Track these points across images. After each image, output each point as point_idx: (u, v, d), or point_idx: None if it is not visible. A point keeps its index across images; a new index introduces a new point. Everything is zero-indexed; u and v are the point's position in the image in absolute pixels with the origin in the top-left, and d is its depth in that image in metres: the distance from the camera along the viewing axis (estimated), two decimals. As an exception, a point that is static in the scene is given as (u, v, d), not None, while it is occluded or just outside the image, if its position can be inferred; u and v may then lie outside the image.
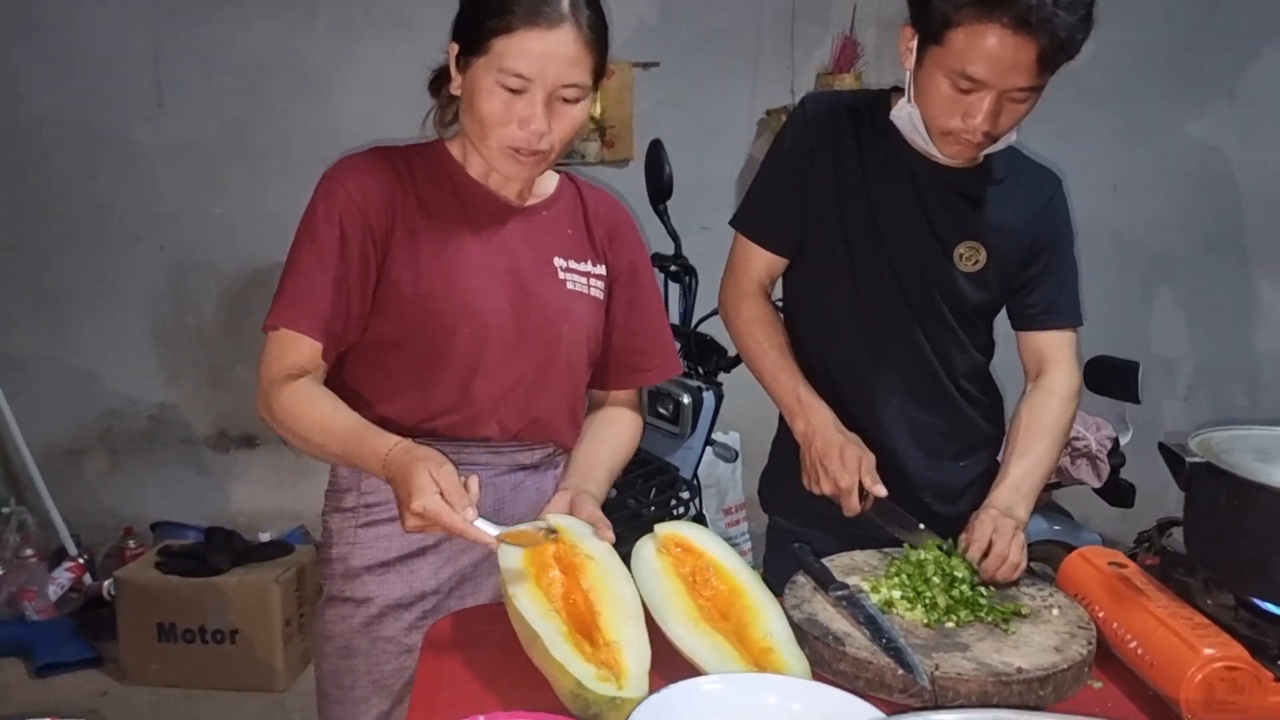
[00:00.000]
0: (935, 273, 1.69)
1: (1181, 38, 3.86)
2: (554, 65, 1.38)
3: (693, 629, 1.26)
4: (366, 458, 1.38)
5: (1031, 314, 1.76)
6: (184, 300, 3.85)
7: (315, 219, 1.46)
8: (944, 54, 1.47)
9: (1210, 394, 4.08)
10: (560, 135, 1.43)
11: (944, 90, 1.50)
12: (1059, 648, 1.26)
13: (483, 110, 1.41)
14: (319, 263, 1.44)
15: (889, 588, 1.38)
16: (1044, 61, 1.44)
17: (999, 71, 1.45)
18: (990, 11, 1.41)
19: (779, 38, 3.80)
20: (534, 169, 1.48)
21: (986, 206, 1.69)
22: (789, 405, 1.70)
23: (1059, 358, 1.75)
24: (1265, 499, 1.24)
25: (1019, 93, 1.48)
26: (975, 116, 1.50)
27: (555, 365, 1.55)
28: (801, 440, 1.66)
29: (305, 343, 1.45)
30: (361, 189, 1.46)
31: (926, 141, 1.61)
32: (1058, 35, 1.41)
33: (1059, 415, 1.71)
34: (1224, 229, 4.01)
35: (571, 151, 3.67)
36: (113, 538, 3.80)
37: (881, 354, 1.73)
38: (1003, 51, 1.42)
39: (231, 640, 3.19)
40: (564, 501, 1.46)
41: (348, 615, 1.55)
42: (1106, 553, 1.47)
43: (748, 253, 1.78)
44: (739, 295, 1.78)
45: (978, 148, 1.58)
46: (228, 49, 3.69)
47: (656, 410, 2.73)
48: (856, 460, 1.59)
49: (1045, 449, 1.68)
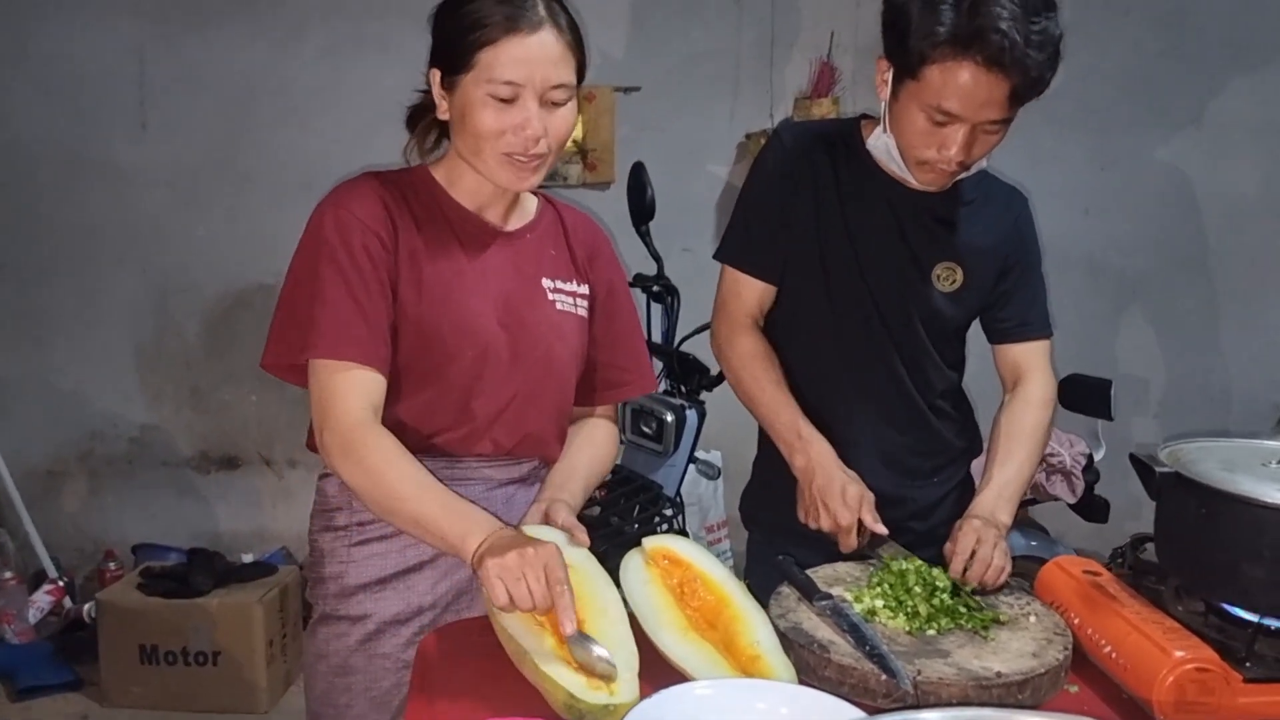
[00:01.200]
0: (913, 295, 1.73)
1: (1150, 65, 3.95)
2: (541, 67, 1.41)
3: (682, 638, 1.29)
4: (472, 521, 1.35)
5: (1006, 327, 1.81)
6: (167, 322, 3.84)
7: (333, 248, 1.44)
8: (920, 89, 1.52)
9: (1181, 411, 4.15)
10: (555, 138, 1.46)
11: (919, 123, 1.55)
12: (1036, 653, 1.29)
13: (478, 124, 1.43)
14: (351, 293, 1.42)
15: (871, 597, 1.42)
16: (1015, 97, 1.49)
17: (972, 106, 1.50)
18: (965, 50, 1.46)
19: (758, 63, 3.86)
20: (534, 175, 1.48)
21: (960, 227, 1.74)
22: (788, 440, 1.71)
23: (1035, 367, 1.80)
24: (1232, 507, 1.29)
25: (991, 125, 1.54)
26: (950, 148, 1.55)
27: (547, 383, 1.57)
28: (801, 476, 1.68)
29: (368, 375, 1.43)
30: (370, 213, 1.47)
31: (902, 169, 1.67)
32: (1029, 73, 1.47)
33: (1038, 422, 1.76)
34: (1192, 250, 4.09)
35: (554, 174, 3.70)
36: (93, 560, 3.79)
37: (858, 379, 1.76)
38: (976, 88, 1.48)
39: (214, 662, 3.18)
40: (539, 512, 1.49)
41: (343, 633, 1.55)
42: (1082, 562, 1.51)
43: (737, 285, 1.79)
44: (732, 329, 1.79)
45: (952, 176, 1.64)
46: (213, 72, 3.70)
47: (640, 428, 2.76)
48: (858, 499, 1.61)
49: (1026, 455, 1.73)
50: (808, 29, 3.86)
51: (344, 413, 1.41)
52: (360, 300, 1.43)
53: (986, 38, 1.44)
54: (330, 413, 1.42)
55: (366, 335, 1.42)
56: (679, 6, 3.83)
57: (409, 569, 1.55)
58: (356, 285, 1.43)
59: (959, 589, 1.44)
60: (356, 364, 1.42)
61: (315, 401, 1.44)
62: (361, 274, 1.43)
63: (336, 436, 1.41)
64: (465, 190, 1.55)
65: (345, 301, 1.42)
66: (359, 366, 1.42)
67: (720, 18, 3.84)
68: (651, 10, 3.83)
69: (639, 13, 3.82)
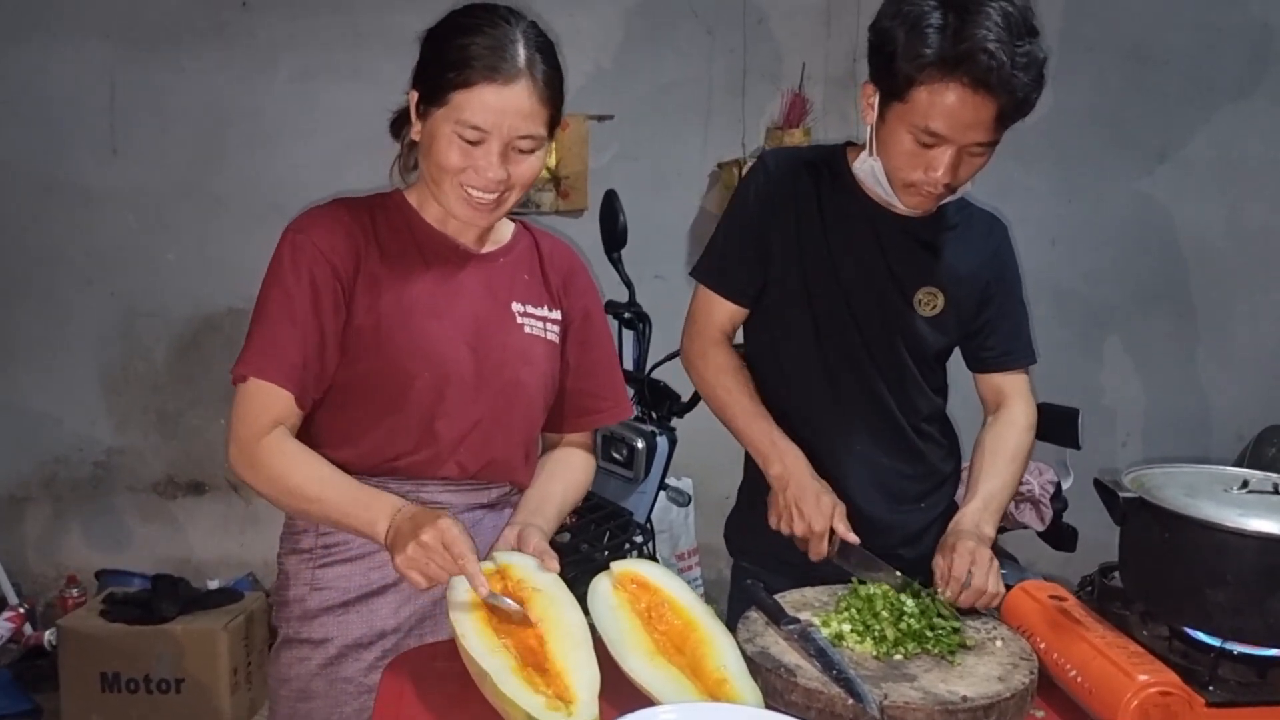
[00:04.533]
0: (896, 318, 1.75)
1: (1115, 101, 4.02)
2: (510, 118, 1.42)
3: (648, 662, 1.29)
4: (379, 509, 1.41)
5: (989, 357, 1.83)
6: (134, 346, 3.81)
7: (284, 272, 1.47)
8: (907, 110, 1.54)
9: (1147, 440, 4.20)
10: (518, 182, 1.48)
11: (906, 145, 1.57)
12: (1002, 677, 1.30)
13: (441, 158, 1.45)
14: (289, 315, 1.45)
15: (839, 621, 1.42)
16: (1002, 118, 1.52)
17: (959, 128, 1.52)
18: (952, 72, 1.48)
19: (730, 93, 3.90)
20: (490, 216, 1.52)
21: (942, 253, 1.76)
22: (763, 450, 1.72)
23: (1017, 394, 1.83)
24: (1194, 532, 1.30)
25: (977, 147, 1.56)
26: (937, 169, 1.57)
27: (513, 407, 1.58)
28: (776, 484, 1.69)
29: (281, 395, 1.45)
30: (328, 240, 1.48)
31: (888, 193, 1.68)
32: (1015, 94, 1.49)
33: (1021, 444, 1.79)
34: (1157, 281, 4.15)
35: (527, 201, 3.72)
36: (55, 587, 3.72)
37: (843, 401, 1.78)
38: (963, 109, 1.50)
39: (177, 689, 3.14)
40: (512, 536, 1.49)
41: (305, 657, 1.54)
42: (1048, 586, 1.52)
43: (709, 303, 1.81)
44: (703, 344, 1.81)
45: (937, 199, 1.65)
46: (184, 97, 3.69)
47: (610, 455, 2.75)
48: (830, 506, 1.64)
49: (1011, 474, 1.75)
50: (779, 60, 3.90)
51: (247, 427, 1.45)
52: (297, 324, 1.45)
53: (974, 59, 1.46)
54: (236, 428, 1.46)
55: (293, 359, 1.45)
56: (652, 36, 3.87)
57: (372, 592, 1.55)
58: (296, 310, 1.45)
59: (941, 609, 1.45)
60: (275, 385, 1.45)
61: (230, 418, 1.47)
62: (303, 299, 1.45)
63: (241, 450, 1.45)
64: (436, 214, 1.57)
65: (281, 325, 1.45)
66: (276, 387, 1.45)
67: (693, 48, 3.88)
68: (625, 40, 3.86)
69: (613, 42, 3.85)
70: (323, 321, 1.46)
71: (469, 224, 1.55)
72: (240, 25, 3.70)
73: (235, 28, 3.70)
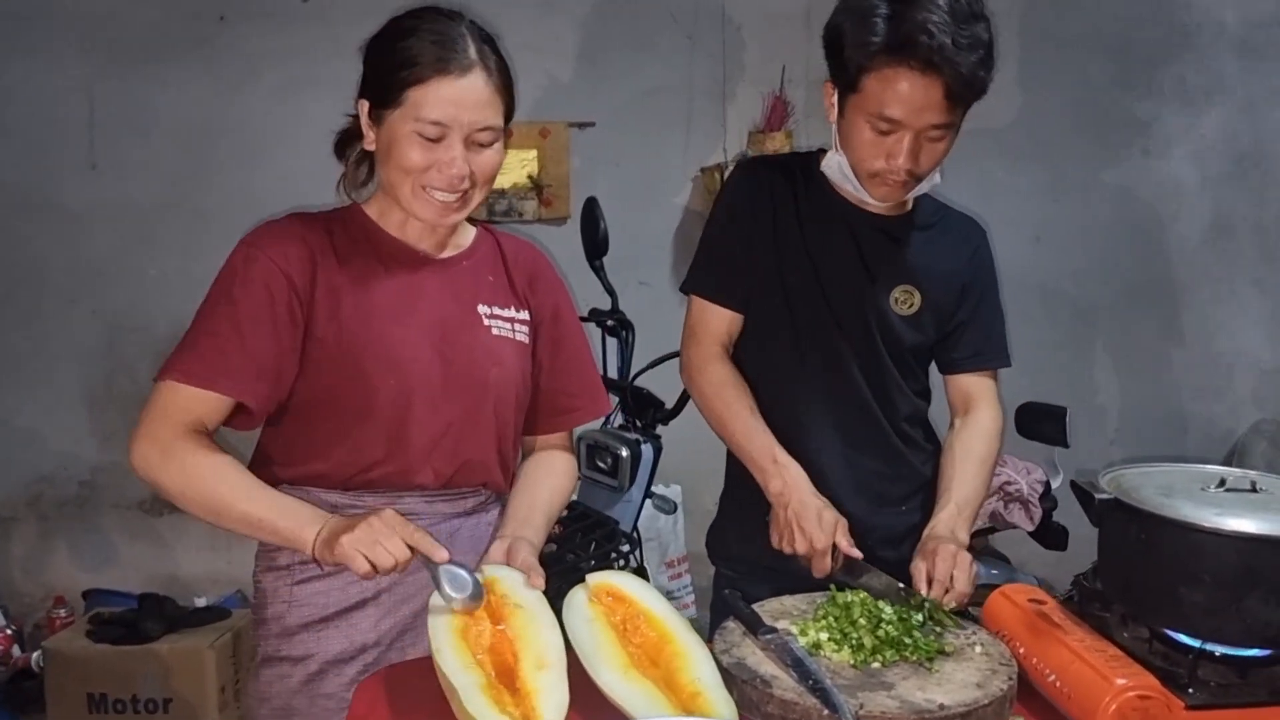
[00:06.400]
0: (874, 316, 1.75)
1: (1098, 95, 4.02)
2: (468, 110, 1.43)
3: (622, 677, 1.27)
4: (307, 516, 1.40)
5: (959, 358, 1.84)
6: (118, 363, 3.79)
7: (233, 284, 1.45)
8: (861, 100, 1.58)
9: (1136, 437, 4.19)
10: (481, 176, 1.48)
11: (865, 134, 1.61)
12: (980, 684, 1.28)
13: (402, 159, 1.45)
14: (233, 327, 1.43)
15: (816, 630, 1.40)
16: (952, 98, 1.55)
17: (912, 111, 1.55)
18: (899, 56, 1.52)
19: (711, 98, 3.90)
20: (455, 215, 1.51)
21: (918, 252, 1.77)
22: (763, 466, 1.71)
23: (985, 399, 1.84)
24: (1170, 532, 1.29)
25: (934, 130, 1.59)
26: (898, 156, 1.60)
27: (484, 409, 1.57)
28: (776, 500, 1.68)
29: (210, 399, 1.43)
30: (283, 252, 1.47)
31: (857, 188, 1.70)
32: (961, 73, 1.52)
33: (990, 449, 1.80)
34: (1144, 277, 4.15)
35: (509, 209, 3.71)
36: (43, 607, 3.70)
37: (824, 401, 1.78)
38: (913, 92, 1.54)
39: (165, 709, 3.12)
40: (501, 549, 1.47)
41: (285, 675, 1.53)
42: (1027, 590, 1.51)
43: (706, 314, 1.81)
44: (703, 359, 1.80)
45: (904, 187, 1.66)
46: (164, 110, 3.68)
47: (595, 463, 2.74)
48: (833, 523, 1.63)
49: (983, 480, 1.76)
50: (759, 64, 3.90)
51: (173, 423, 1.41)
52: (243, 333, 1.43)
53: (916, 41, 1.50)
54: (149, 424, 1.42)
55: (233, 367, 1.43)
56: (632, 42, 3.86)
57: (351, 606, 1.53)
58: (243, 319, 1.44)
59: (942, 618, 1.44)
60: (205, 390, 1.43)
61: (144, 411, 1.44)
62: (252, 309, 1.44)
63: (157, 444, 1.41)
64: (396, 223, 1.57)
65: (223, 333, 1.43)
66: (205, 391, 1.43)
67: (673, 53, 3.88)
68: (605, 46, 3.85)
69: (593, 49, 3.85)
70: (278, 331, 1.45)
71: (434, 225, 1.54)
72: (220, 39, 3.70)
73: (215, 41, 3.70)
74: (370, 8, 1.60)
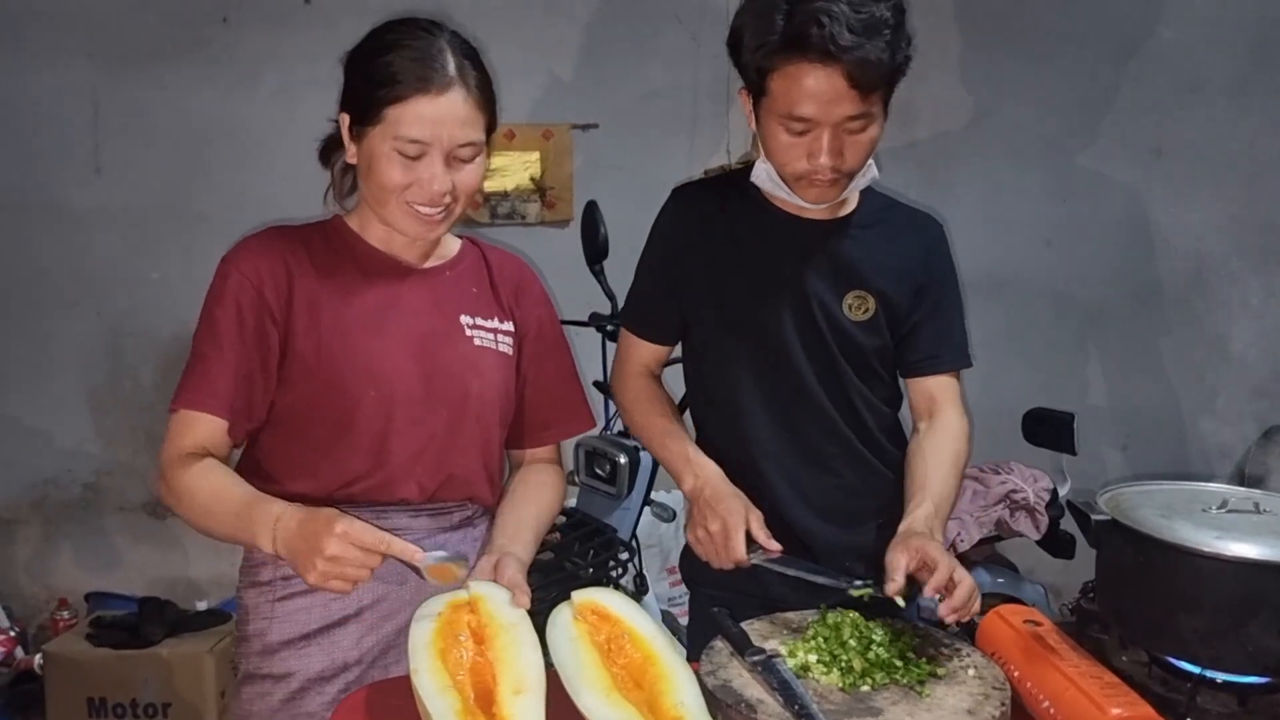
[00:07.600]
0: (829, 328, 1.69)
1: (1107, 96, 3.96)
2: (448, 128, 1.42)
3: (604, 700, 1.24)
4: (259, 523, 1.35)
5: (915, 360, 1.76)
6: (121, 366, 3.78)
7: (211, 304, 1.47)
8: (771, 102, 1.53)
9: (1148, 444, 4.13)
10: (462, 191, 1.47)
11: (782, 137, 1.55)
12: (972, 710, 1.25)
13: (383, 177, 1.44)
14: (214, 347, 1.45)
15: (805, 651, 1.37)
16: (859, 87, 1.48)
17: (821, 106, 1.49)
18: (794, 51, 1.47)
19: (714, 100, 3.85)
20: (438, 228, 1.50)
21: (866, 253, 1.70)
22: (678, 466, 1.69)
23: (949, 400, 1.76)
24: (1169, 556, 1.26)
25: (851, 123, 1.52)
26: (819, 155, 1.54)
27: (466, 420, 1.55)
28: (691, 495, 1.65)
29: (204, 420, 1.45)
30: (255, 268, 1.47)
31: (789, 194, 1.64)
32: (861, 59, 1.45)
33: (960, 452, 1.72)
34: (1155, 281, 4.08)
35: (512, 211, 3.69)
36: (46, 609, 3.70)
37: (787, 424, 1.72)
38: (817, 86, 1.48)
39: (164, 714, 3.11)
40: (489, 565, 1.45)
41: (266, 693, 1.51)
42: (1023, 611, 1.47)
43: (630, 344, 1.84)
44: (624, 378, 1.84)
45: (835, 185, 1.60)
46: (167, 114, 3.67)
47: (593, 471, 2.71)
48: (743, 509, 1.57)
49: (956, 482, 1.68)
50: (765, 65, 3.86)
51: (169, 453, 1.44)
52: (223, 351, 1.45)
53: (808, 33, 1.45)
54: (162, 453, 1.45)
55: (217, 387, 1.45)
56: (636, 44, 3.83)
57: (333, 624, 1.52)
58: (221, 338, 1.45)
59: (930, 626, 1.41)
60: (198, 412, 1.45)
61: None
62: (228, 327, 1.45)
63: (163, 475, 1.44)
64: (378, 235, 1.56)
65: (209, 355, 1.45)
66: (199, 414, 1.44)
67: (677, 56, 3.83)
68: (609, 48, 3.82)
69: (597, 51, 3.82)
70: (249, 347, 1.45)
71: (417, 239, 1.54)
72: (222, 41, 3.68)
73: (217, 44, 3.68)
74: (373, 11, 1.59)
